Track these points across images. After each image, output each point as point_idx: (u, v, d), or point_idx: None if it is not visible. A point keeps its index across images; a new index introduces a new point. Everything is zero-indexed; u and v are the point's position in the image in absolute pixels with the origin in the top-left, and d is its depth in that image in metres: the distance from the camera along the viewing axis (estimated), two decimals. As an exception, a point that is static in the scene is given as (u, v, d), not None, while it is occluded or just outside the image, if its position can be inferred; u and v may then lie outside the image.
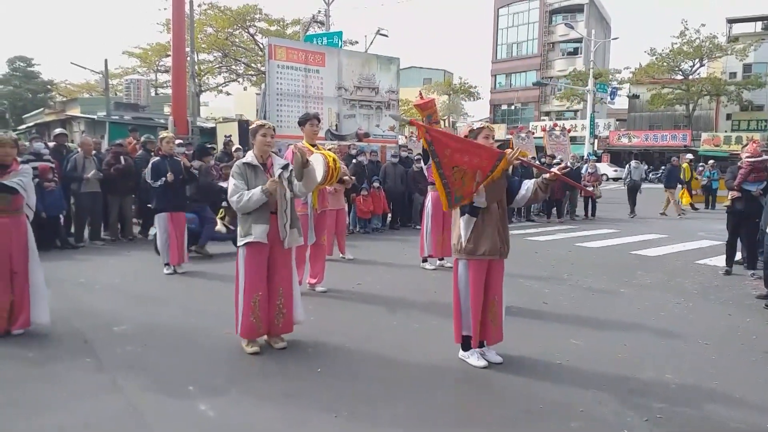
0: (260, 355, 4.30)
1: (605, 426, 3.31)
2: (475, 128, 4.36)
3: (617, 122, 46.51)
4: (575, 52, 49.28)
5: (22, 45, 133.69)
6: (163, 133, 7.61)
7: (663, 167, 37.84)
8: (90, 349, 4.38)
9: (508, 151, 4.00)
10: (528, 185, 4.18)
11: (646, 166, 38.61)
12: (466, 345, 4.22)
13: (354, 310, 5.78)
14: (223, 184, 8.36)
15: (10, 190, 4.50)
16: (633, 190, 15.97)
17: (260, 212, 4.25)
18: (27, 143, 9.49)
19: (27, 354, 4.26)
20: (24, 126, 37.32)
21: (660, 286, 7.01)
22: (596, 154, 31.74)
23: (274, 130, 4.48)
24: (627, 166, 16.90)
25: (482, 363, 4.13)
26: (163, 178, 6.99)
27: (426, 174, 7.62)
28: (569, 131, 24.64)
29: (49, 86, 56.50)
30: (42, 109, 43.70)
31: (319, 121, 6.22)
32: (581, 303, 6.11)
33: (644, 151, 41.38)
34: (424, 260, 7.80)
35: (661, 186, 17.24)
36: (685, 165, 17.33)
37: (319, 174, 5.49)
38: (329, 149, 7.57)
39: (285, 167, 4.42)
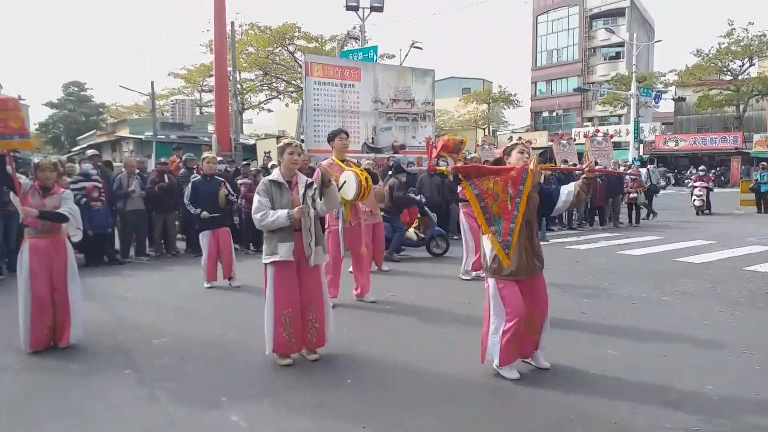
0: (292, 367, 4.36)
1: (639, 438, 3.23)
2: (509, 145, 4.35)
3: (663, 126, 45.24)
4: (617, 57, 48.29)
5: (76, 70, 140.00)
6: (205, 153, 7.84)
7: (713, 171, 36.71)
8: (130, 361, 4.53)
9: (529, 162, 3.97)
10: (569, 189, 4.10)
11: (691, 170, 37.39)
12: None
13: (386, 320, 5.80)
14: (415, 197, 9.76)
15: (61, 218, 4.73)
16: (652, 192, 15.71)
17: (285, 230, 4.32)
18: (77, 165, 9.93)
19: (71, 366, 4.46)
20: (78, 147, 39.03)
21: (705, 294, 6.77)
22: (642, 159, 30.91)
23: (301, 148, 4.55)
24: (645, 170, 16.58)
25: (514, 375, 4.07)
26: (199, 209, 7.28)
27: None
28: (612, 137, 24.06)
29: (101, 109, 59.09)
30: (94, 131, 45.55)
31: (347, 135, 6.30)
32: (621, 312, 5.96)
33: (692, 155, 40.11)
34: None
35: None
36: None
37: (351, 192, 5.61)
38: (367, 163, 7.68)
39: (309, 186, 4.47)
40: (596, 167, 4.14)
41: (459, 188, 4.59)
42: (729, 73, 40.28)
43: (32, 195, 4.75)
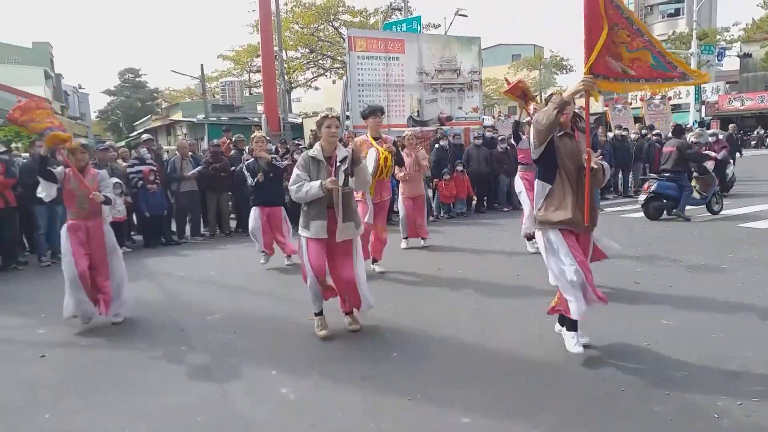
0: (339, 341, 4.44)
1: (693, 410, 3.12)
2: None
3: (727, 85, 42.80)
4: (676, 13, 45.84)
5: (130, 57, 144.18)
6: (256, 133, 7.72)
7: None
8: (186, 337, 4.71)
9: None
10: None
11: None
12: (571, 324, 3.94)
13: (432, 294, 5.80)
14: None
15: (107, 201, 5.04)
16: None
17: (318, 208, 4.37)
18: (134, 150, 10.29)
19: (131, 342, 4.67)
20: (135, 133, 40.40)
21: (769, 261, 6.45)
22: (703, 121, 29.39)
23: (338, 119, 4.54)
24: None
25: (578, 350, 3.87)
26: (254, 179, 7.14)
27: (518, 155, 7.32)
28: (670, 99, 23.03)
29: (155, 94, 60.83)
30: (149, 116, 46.95)
31: (382, 113, 6.34)
32: (676, 281, 5.75)
33: (759, 115, 37.84)
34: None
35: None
36: None
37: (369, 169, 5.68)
38: (405, 135, 7.70)
39: (343, 161, 4.44)
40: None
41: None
42: (800, 24, 37.60)
43: (69, 180, 4.94)
